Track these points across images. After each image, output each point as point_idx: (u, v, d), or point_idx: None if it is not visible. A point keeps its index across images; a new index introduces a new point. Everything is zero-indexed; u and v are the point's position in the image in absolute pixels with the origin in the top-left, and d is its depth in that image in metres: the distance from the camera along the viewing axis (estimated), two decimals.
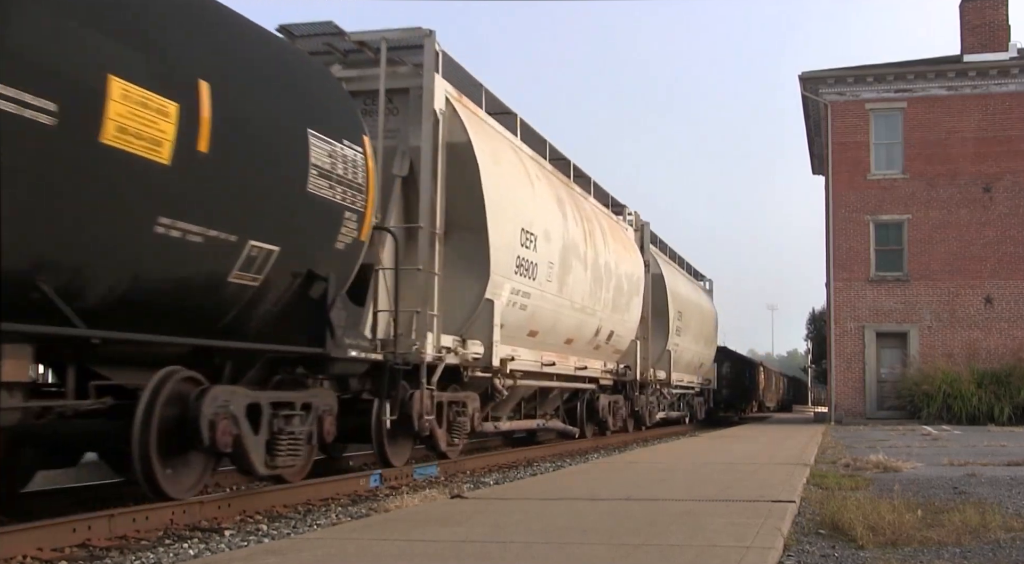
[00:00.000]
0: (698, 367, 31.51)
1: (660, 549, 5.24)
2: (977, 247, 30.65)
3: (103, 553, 6.36)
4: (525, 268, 13.57)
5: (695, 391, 31.76)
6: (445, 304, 11.79)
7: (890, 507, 7.01)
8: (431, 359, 11.36)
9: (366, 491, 10.06)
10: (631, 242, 21.84)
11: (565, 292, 15.68)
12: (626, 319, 20.02)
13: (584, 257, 16.73)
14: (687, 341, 28.28)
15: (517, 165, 13.93)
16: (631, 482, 9.29)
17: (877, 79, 31.80)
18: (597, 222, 18.36)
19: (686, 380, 29.40)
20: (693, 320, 29.23)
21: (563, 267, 15.45)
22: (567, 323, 16.15)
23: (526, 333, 14.32)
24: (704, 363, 32.75)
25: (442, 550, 5.25)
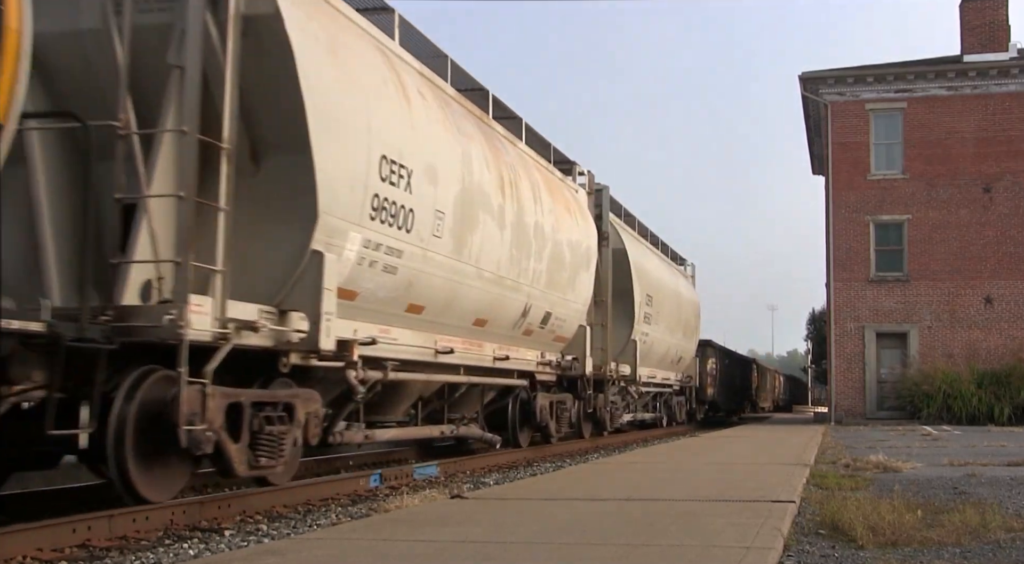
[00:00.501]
0: (675, 362, 27.89)
1: (660, 549, 5.24)
2: (977, 247, 30.65)
3: (103, 553, 6.36)
4: (391, 213, 9.69)
5: (673, 389, 28.47)
6: (243, 257, 8.11)
7: (890, 507, 7.01)
8: (206, 337, 7.51)
9: (366, 491, 10.06)
10: (580, 207, 17.45)
11: (467, 255, 11.78)
12: (570, 299, 16.14)
13: (500, 213, 12.78)
14: (660, 331, 24.51)
15: (379, 69, 9.91)
16: (631, 482, 9.29)
17: (877, 79, 31.80)
18: (526, 173, 14.36)
19: (660, 376, 25.86)
20: (668, 306, 25.47)
21: (462, 220, 11.47)
22: (473, 297, 12.27)
23: (402, 307, 10.53)
24: (684, 357, 29.08)
25: (442, 550, 5.25)
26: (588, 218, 17.74)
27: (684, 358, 29.18)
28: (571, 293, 16.22)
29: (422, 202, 10.37)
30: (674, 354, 27.30)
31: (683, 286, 29.40)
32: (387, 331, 10.27)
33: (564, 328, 16.26)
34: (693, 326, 30.12)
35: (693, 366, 31.10)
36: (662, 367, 25.93)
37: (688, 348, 29.57)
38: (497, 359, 13.66)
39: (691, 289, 31.32)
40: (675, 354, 27.43)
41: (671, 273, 27.91)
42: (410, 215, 10.10)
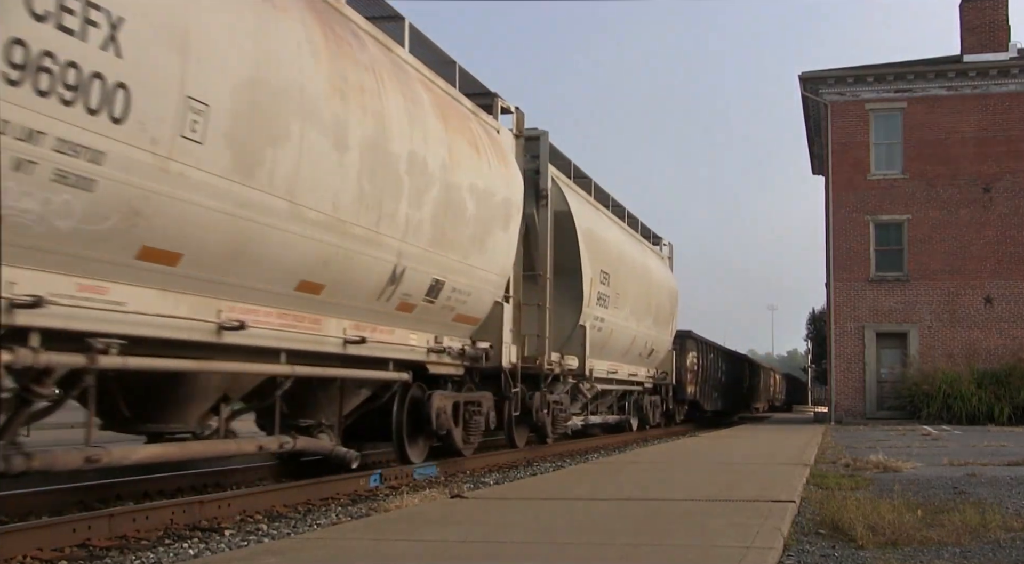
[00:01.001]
0: (645, 355, 23.81)
1: (660, 549, 5.24)
2: (977, 247, 30.66)
3: (103, 553, 6.36)
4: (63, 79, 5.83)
5: (645, 388, 24.52)
6: None
7: (890, 507, 7.01)
8: None
9: (366, 491, 10.06)
10: (500, 150, 13.33)
11: (268, 180, 7.82)
12: (478, 266, 12.23)
13: (338, 127, 8.71)
14: (623, 317, 20.36)
15: None
16: (631, 482, 9.29)
17: (877, 79, 31.81)
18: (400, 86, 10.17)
19: (624, 372, 21.73)
20: (634, 288, 21.26)
21: (253, 125, 7.59)
22: (292, 248, 8.33)
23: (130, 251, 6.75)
24: (657, 350, 25.02)
25: (442, 550, 5.25)
26: (511, 165, 13.60)
27: (657, 351, 25.03)
28: (479, 258, 12.17)
29: (149, 77, 6.39)
30: (643, 346, 23.13)
31: (655, 266, 24.84)
32: (100, 289, 6.51)
33: (470, 305, 12.25)
34: (668, 314, 25.59)
35: (669, 361, 27.03)
36: (627, 361, 21.95)
37: (662, 339, 25.25)
38: (349, 342, 9.61)
39: (667, 271, 26.85)
40: (645, 346, 23.30)
41: (639, 250, 23.29)
42: (117, 93, 6.14)
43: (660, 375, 26.11)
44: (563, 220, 16.56)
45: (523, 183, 14.03)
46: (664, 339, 25.62)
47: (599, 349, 18.79)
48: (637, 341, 22.35)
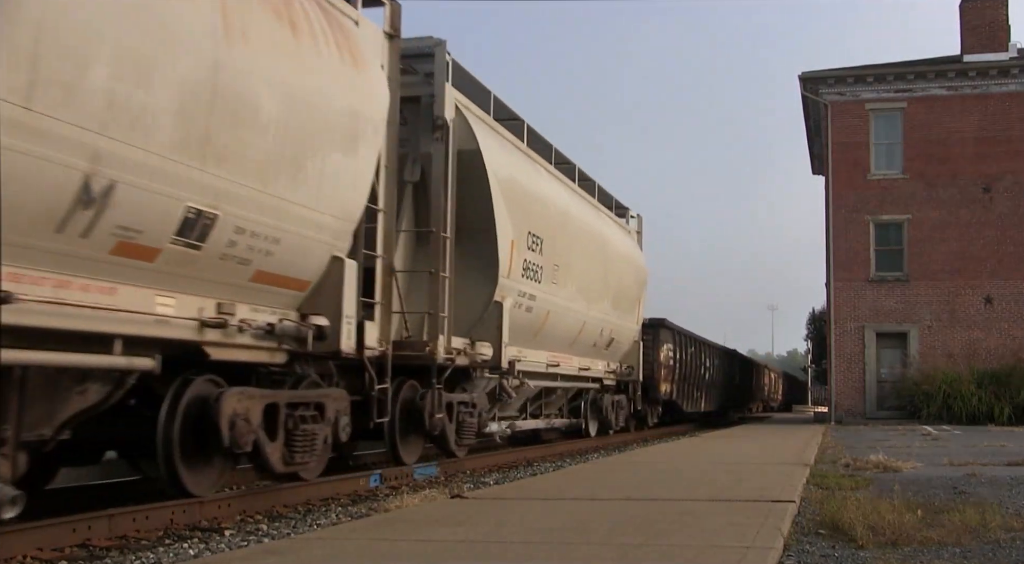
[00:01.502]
0: (603, 345, 19.50)
1: (660, 549, 5.24)
2: (977, 247, 30.66)
3: (103, 553, 6.36)
4: None
5: (604, 385, 20.19)
6: None
7: (890, 507, 7.01)
8: None
9: (366, 491, 10.06)
10: (345, 39, 9.39)
11: None
12: (290, 198, 8.20)
13: None
14: (565, 296, 16.07)
15: None
16: (631, 482, 9.29)
17: (877, 79, 31.81)
18: None
19: (574, 365, 17.49)
20: (582, 261, 16.98)
21: None
22: None
23: None
24: (619, 340, 20.59)
25: (442, 550, 5.25)
26: (369, 70, 9.76)
27: (619, 341, 20.70)
28: (295, 188, 8.29)
29: None
30: (598, 334, 18.70)
31: (617, 239, 20.22)
32: None
33: (283, 258, 8.33)
34: (633, 297, 21.38)
35: (635, 353, 22.49)
36: (578, 352, 17.75)
37: (625, 327, 21.01)
38: None
39: (633, 247, 22.24)
40: (601, 334, 18.93)
41: (594, 216, 18.68)
42: None
43: (625, 370, 21.56)
44: (471, 163, 12.50)
45: (390, 98, 10.23)
46: (628, 327, 21.40)
47: (530, 335, 14.60)
48: (590, 328, 17.82)
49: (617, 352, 21.04)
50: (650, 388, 24.63)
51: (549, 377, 16.49)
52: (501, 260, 12.84)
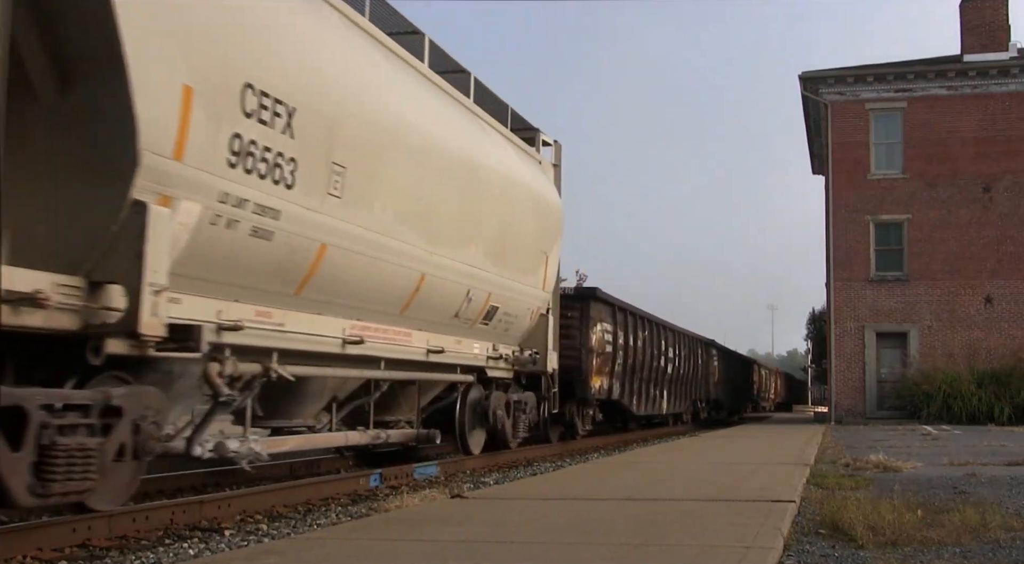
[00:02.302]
0: (474, 317, 12.74)
1: (660, 549, 5.24)
2: (977, 247, 30.66)
3: (103, 553, 6.36)
4: None
5: (492, 377, 13.98)
6: None
7: (890, 507, 7.01)
8: None
9: (366, 491, 10.07)
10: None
11: None
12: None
13: None
14: (370, 221, 9.52)
15: None
16: (631, 482, 9.29)
17: (877, 79, 31.82)
18: None
19: (411, 345, 11.19)
20: (415, 171, 10.51)
21: None
22: None
23: None
24: (509, 311, 13.79)
25: (442, 550, 5.25)
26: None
27: (511, 314, 13.84)
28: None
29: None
30: (463, 299, 12.14)
31: (506, 163, 13.57)
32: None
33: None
34: (534, 251, 14.49)
35: (543, 334, 15.42)
36: (419, 323, 11.25)
37: (520, 295, 14.03)
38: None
39: (540, 182, 15.16)
40: (469, 300, 12.27)
41: (459, 120, 12.33)
42: None
43: (527, 357, 14.72)
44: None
45: None
46: (528, 295, 14.30)
47: (277, 282, 8.31)
48: (439, 286, 11.22)
49: (509, 330, 13.99)
50: (576, 383, 17.74)
51: (352, 362, 9.87)
52: (144, 118, 6.34)
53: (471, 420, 13.57)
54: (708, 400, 33.24)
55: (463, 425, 13.32)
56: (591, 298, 18.67)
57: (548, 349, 15.62)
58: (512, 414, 14.64)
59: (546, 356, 15.53)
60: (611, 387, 20.03)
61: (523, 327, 14.74)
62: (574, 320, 18.13)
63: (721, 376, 36.05)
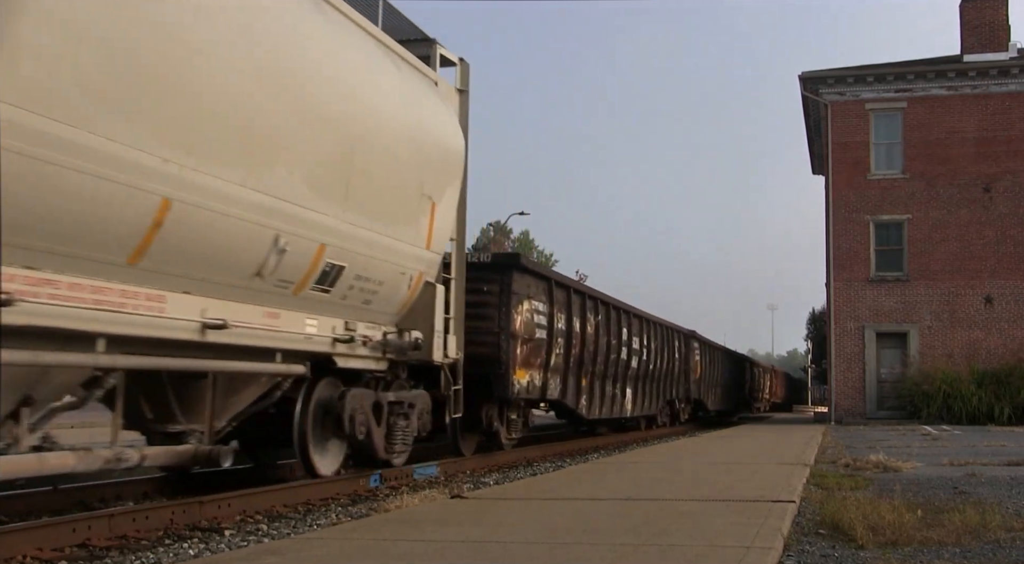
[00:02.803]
0: (295, 276, 8.51)
1: (660, 549, 5.24)
2: (977, 247, 30.66)
3: (103, 553, 6.36)
4: None
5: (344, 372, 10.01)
6: None
7: (890, 507, 7.01)
8: None
9: (366, 491, 10.06)
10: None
11: None
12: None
13: None
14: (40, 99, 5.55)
15: None
16: (631, 482, 9.29)
17: (877, 79, 31.82)
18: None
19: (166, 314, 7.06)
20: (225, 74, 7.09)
21: None
22: None
23: None
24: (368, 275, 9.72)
25: (442, 550, 5.25)
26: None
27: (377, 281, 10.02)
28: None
29: None
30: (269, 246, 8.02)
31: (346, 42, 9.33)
32: None
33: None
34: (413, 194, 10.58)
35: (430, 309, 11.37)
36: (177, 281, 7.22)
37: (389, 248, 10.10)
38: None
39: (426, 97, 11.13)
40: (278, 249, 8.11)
41: None
42: None
43: (407, 342, 10.85)
44: None
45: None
46: (402, 253, 10.45)
47: None
48: (236, 230, 7.64)
49: (372, 302, 10.05)
50: (494, 378, 13.56)
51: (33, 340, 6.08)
52: None
53: (318, 429, 9.67)
54: (688, 400, 29.03)
55: (304, 436, 9.40)
56: (513, 268, 14.02)
57: (439, 331, 11.36)
58: (386, 420, 10.65)
59: (434, 341, 11.18)
60: (546, 384, 15.34)
61: (397, 299, 10.45)
62: (491, 296, 13.64)
63: (704, 373, 31.46)
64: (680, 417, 28.29)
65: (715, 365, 34.50)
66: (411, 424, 11.17)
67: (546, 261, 66.49)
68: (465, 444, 13.72)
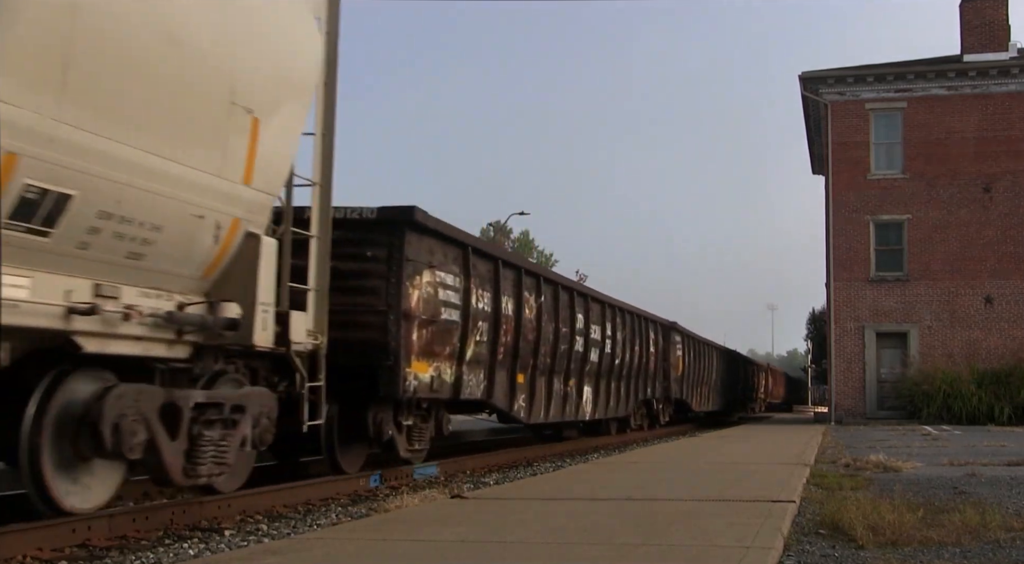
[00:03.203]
0: None
1: (660, 549, 5.24)
2: (977, 247, 30.67)
3: (103, 553, 6.36)
4: None
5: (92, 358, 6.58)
6: None
7: (890, 507, 7.01)
8: None
9: (366, 491, 10.07)
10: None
11: None
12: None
13: None
14: None
15: None
16: (631, 482, 9.29)
17: (877, 79, 31.83)
18: None
19: None
20: None
21: None
22: None
23: None
24: (150, 220, 6.57)
25: (442, 550, 5.25)
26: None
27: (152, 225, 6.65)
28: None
29: None
30: None
31: None
32: None
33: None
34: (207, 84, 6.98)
35: (255, 270, 7.75)
36: None
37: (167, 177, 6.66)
38: None
39: None
40: None
41: None
42: None
43: (220, 320, 7.45)
44: None
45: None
46: (196, 187, 6.98)
47: None
48: None
49: (145, 257, 6.78)
50: (380, 372, 10.30)
51: None
52: None
53: (64, 446, 6.59)
54: (669, 399, 25.98)
55: (36, 451, 6.40)
56: (407, 226, 10.48)
57: (263, 304, 7.88)
58: (187, 429, 7.28)
59: (256, 317, 7.79)
60: (460, 379, 12.03)
61: (195, 255, 7.30)
62: (377, 264, 10.45)
63: (688, 370, 28.25)
64: (660, 419, 25.61)
65: (702, 361, 31.15)
66: (235, 434, 7.81)
67: (546, 261, 66.41)
68: (348, 458, 10.67)
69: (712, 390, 33.60)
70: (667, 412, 26.32)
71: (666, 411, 26.18)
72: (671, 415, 26.97)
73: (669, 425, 26.53)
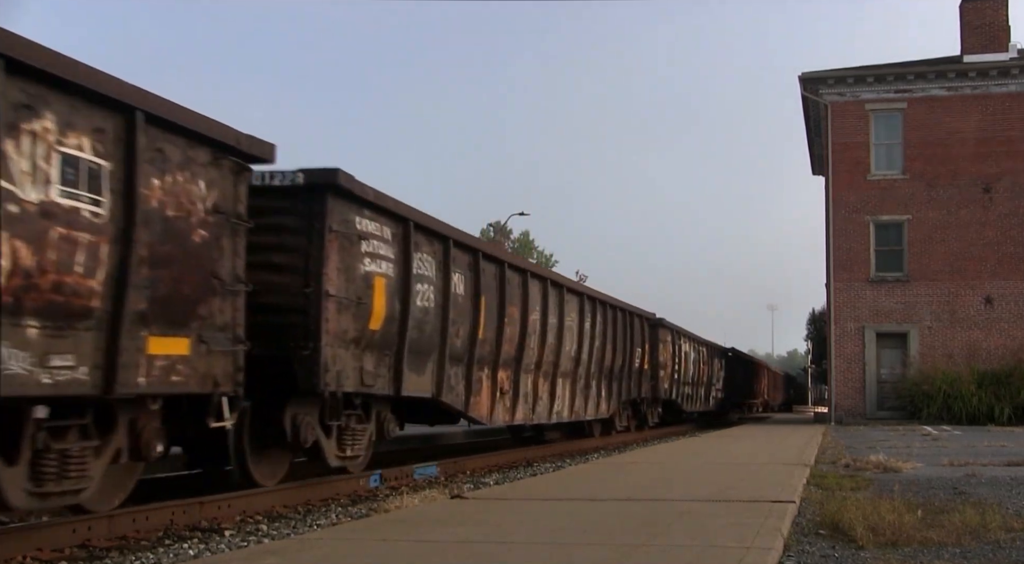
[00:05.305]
0: None
1: (660, 549, 5.24)
2: (977, 247, 30.66)
3: (103, 553, 6.37)
4: None
5: None
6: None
7: (890, 507, 7.01)
8: None
9: (366, 491, 10.07)
10: None
11: None
12: None
13: None
14: None
15: None
16: (631, 482, 9.29)
17: (877, 79, 31.82)
18: None
19: None
20: None
21: None
22: None
23: None
24: None
25: (442, 550, 5.25)
26: None
27: None
28: None
29: None
30: None
31: None
32: None
33: None
34: None
35: None
36: None
37: None
38: None
39: None
40: None
41: None
42: None
43: None
44: None
45: None
46: None
47: None
48: None
49: None
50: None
51: None
52: None
53: None
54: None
55: None
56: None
57: None
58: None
59: None
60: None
61: None
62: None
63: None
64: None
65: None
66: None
67: (546, 262, 66.36)
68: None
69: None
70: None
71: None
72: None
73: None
